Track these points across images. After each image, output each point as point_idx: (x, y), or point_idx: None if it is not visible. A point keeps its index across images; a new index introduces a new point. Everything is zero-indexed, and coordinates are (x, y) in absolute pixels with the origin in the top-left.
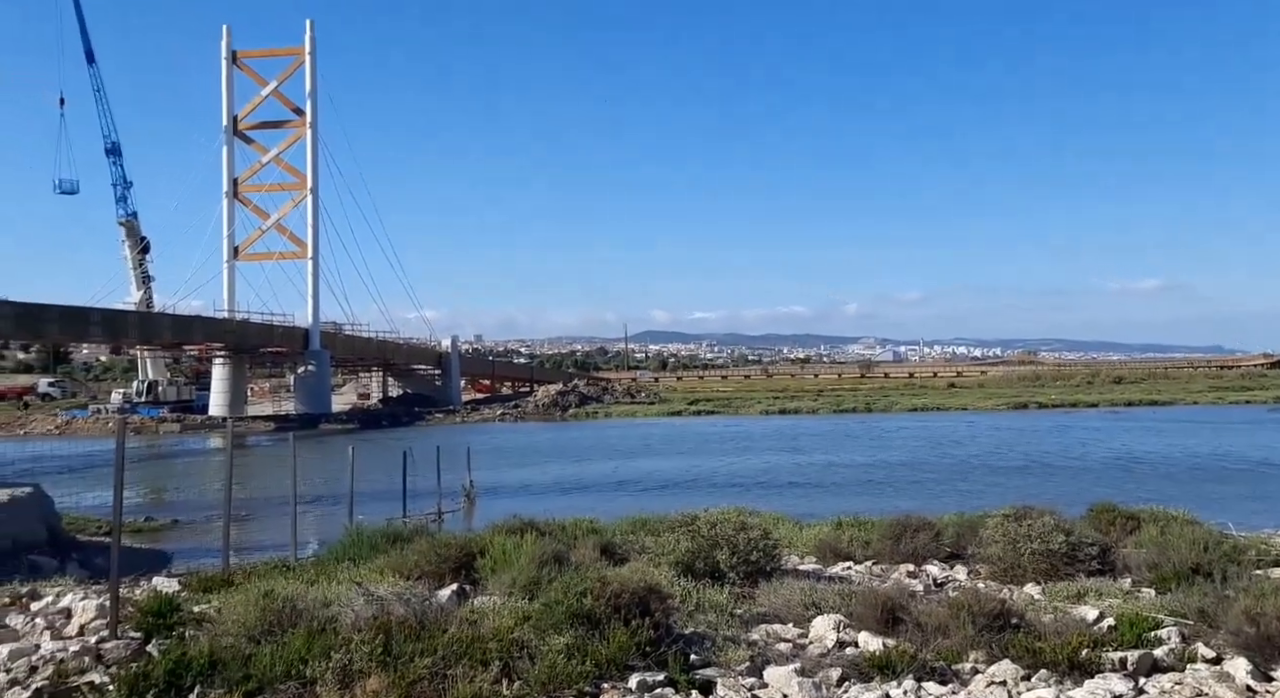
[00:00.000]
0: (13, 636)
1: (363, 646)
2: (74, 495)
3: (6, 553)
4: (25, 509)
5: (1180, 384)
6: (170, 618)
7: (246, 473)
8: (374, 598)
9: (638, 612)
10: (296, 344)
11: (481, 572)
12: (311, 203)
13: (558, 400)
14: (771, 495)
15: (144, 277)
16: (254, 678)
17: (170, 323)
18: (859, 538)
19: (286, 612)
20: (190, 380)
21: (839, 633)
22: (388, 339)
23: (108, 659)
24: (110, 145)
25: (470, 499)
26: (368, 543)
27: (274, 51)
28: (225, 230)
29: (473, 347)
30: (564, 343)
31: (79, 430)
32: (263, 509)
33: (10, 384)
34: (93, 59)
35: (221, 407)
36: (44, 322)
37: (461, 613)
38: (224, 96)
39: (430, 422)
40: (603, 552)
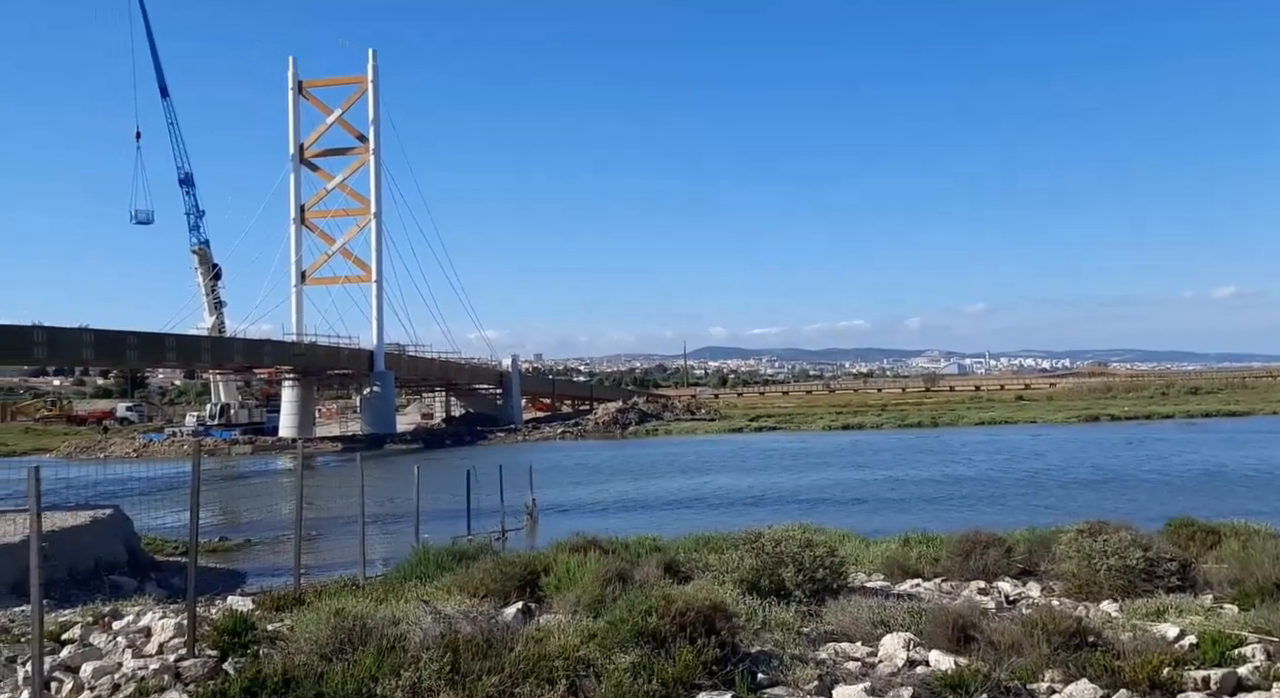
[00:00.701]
0: (96, 654)
1: (431, 664)
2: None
3: (89, 573)
4: (106, 531)
5: (1259, 394)
6: (245, 637)
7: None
8: (441, 616)
9: (703, 630)
10: (362, 366)
11: (546, 590)
12: (375, 227)
13: (617, 418)
14: (836, 512)
15: (216, 302)
16: (326, 696)
17: (241, 347)
18: (927, 555)
19: (357, 630)
20: (261, 403)
21: (909, 652)
22: (450, 359)
23: (186, 678)
24: (183, 176)
25: (533, 517)
26: (434, 562)
27: (337, 80)
28: (293, 256)
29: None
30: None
31: (156, 453)
32: (331, 528)
33: (91, 409)
34: (166, 93)
35: (291, 428)
36: (123, 348)
37: (527, 631)
38: (290, 126)
39: (492, 441)
40: (666, 570)
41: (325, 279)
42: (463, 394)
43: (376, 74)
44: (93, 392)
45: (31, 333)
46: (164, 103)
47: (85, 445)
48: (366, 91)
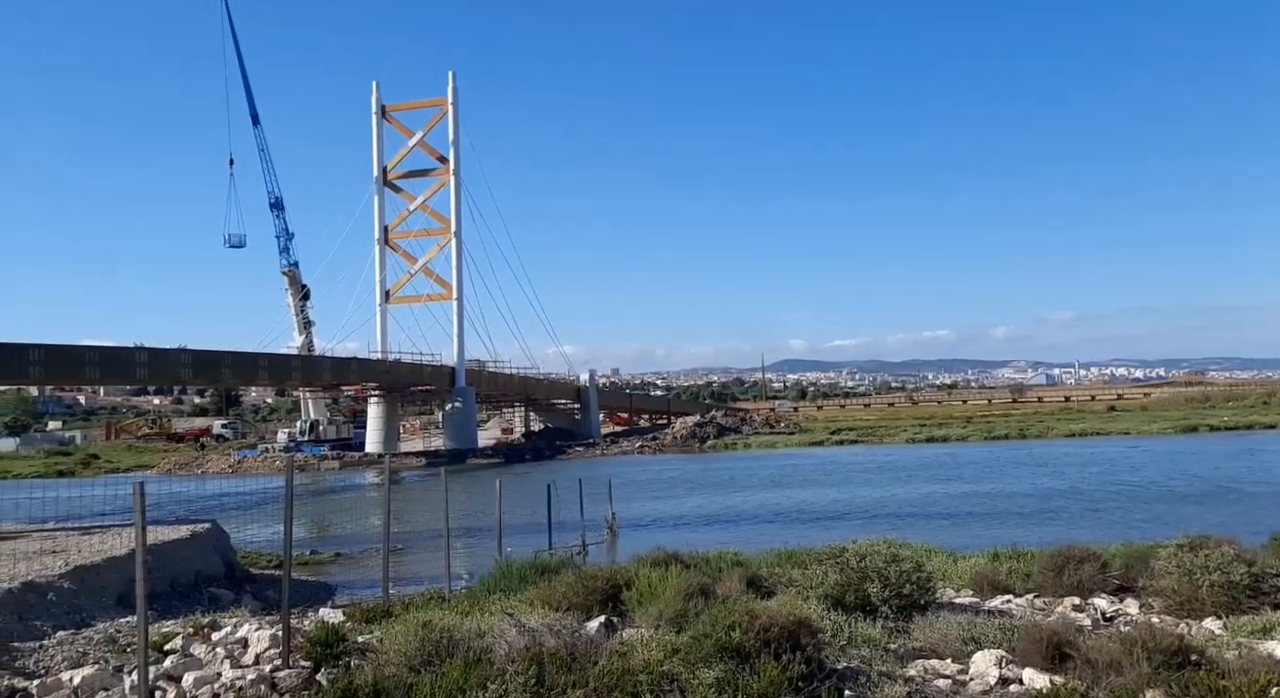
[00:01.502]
0: (197, 664)
1: (517, 677)
2: (246, 531)
3: (189, 586)
4: (205, 544)
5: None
6: (336, 648)
7: (400, 507)
8: (525, 629)
9: (788, 646)
10: (444, 382)
11: (628, 604)
12: (455, 246)
13: (695, 432)
14: (922, 526)
15: (305, 322)
16: None
17: (329, 365)
18: (1018, 570)
19: (444, 642)
20: (348, 419)
21: (1001, 669)
22: (529, 375)
23: (281, 687)
24: (274, 200)
25: (613, 532)
26: (517, 575)
27: (419, 103)
28: (377, 275)
29: (610, 380)
30: (700, 374)
31: (249, 469)
32: (416, 542)
33: (189, 427)
34: (258, 121)
35: (377, 444)
36: (218, 367)
37: (611, 645)
38: (374, 149)
39: (571, 455)
40: (749, 585)
41: (408, 298)
42: (541, 409)
43: (456, 96)
44: (190, 410)
45: (134, 354)
46: (255, 130)
47: (184, 462)
48: (447, 113)
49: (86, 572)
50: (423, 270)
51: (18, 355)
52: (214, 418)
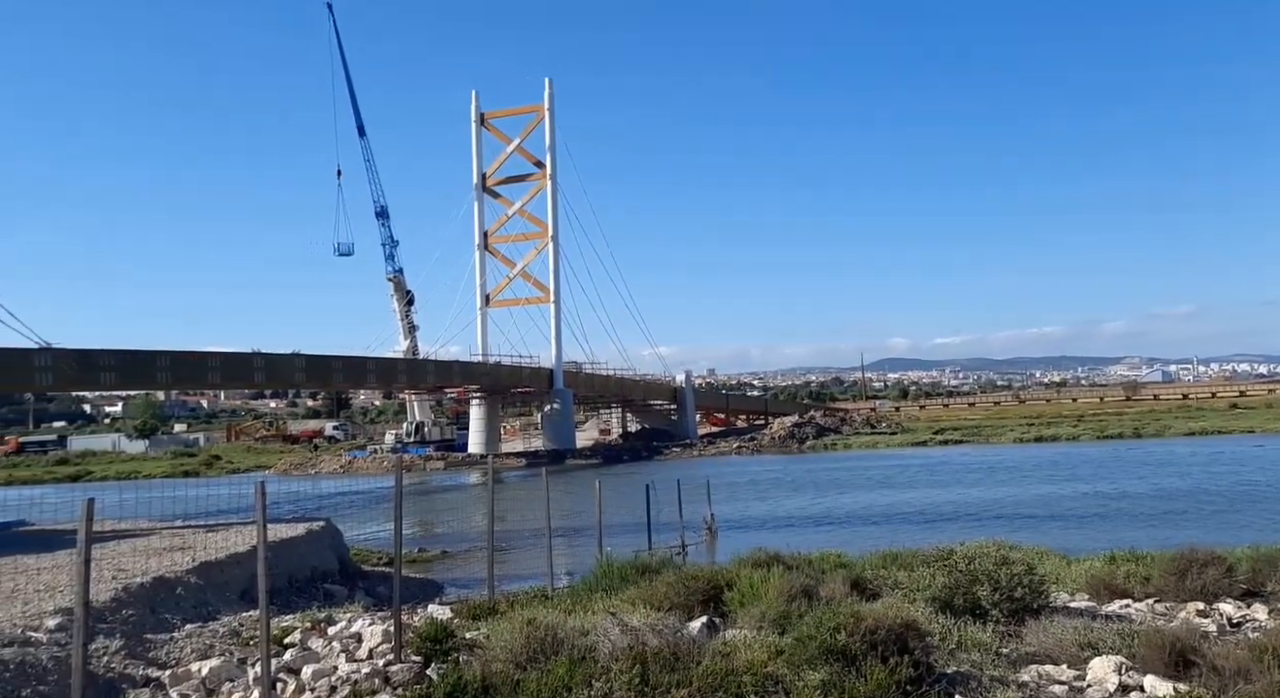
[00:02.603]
0: (314, 658)
1: (621, 675)
2: (357, 529)
3: (305, 581)
4: (320, 542)
5: None
6: (445, 644)
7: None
8: (628, 628)
9: (895, 649)
10: (542, 384)
11: (730, 605)
12: (552, 249)
13: (794, 432)
14: (1032, 528)
15: (410, 327)
16: None
17: (433, 368)
18: (1137, 574)
19: (548, 640)
20: (451, 421)
21: (1121, 676)
22: (625, 376)
23: (394, 682)
24: (379, 209)
25: (712, 532)
26: (618, 574)
27: (516, 110)
28: (478, 280)
29: (706, 381)
30: (797, 374)
31: (359, 469)
32: (518, 541)
33: (303, 429)
34: (363, 132)
35: (479, 445)
36: (329, 371)
37: (713, 646)
38: (474, 156)
39: (668, 456)
40: (853, 587)
41: (507, 301)
42: (638, 410)
43: (553, 102)
44: (304, 413)
45: (252, 359)
46: (361, 142)
47: (298, 462)
48: (543, 119)
49: (211, 568)
50: (521, 274)
51: (147, 362)
52: (325, 420)
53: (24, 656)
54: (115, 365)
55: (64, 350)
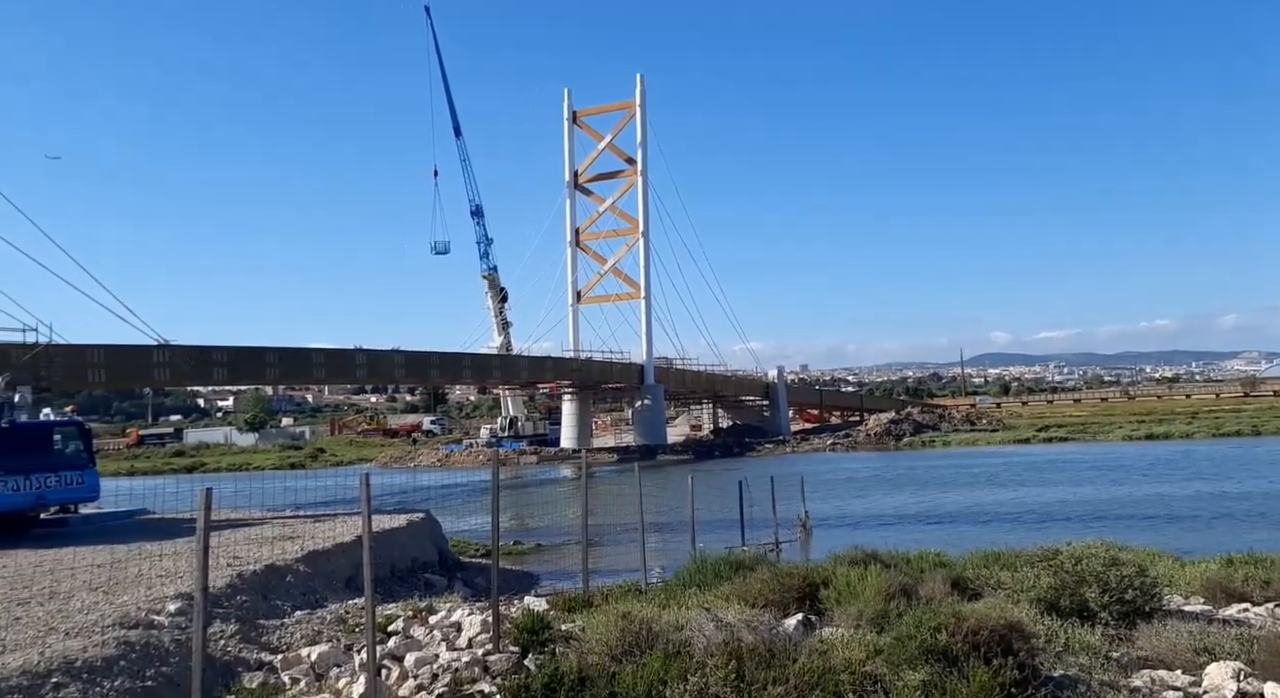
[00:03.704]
0: (416, 645)
1: (717, 670)
2: (454, 521)
3: (407, 571)
4: (420, 533)
5: None
6: (542, 635)
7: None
8: (723, 624)
9: (999, 650)
10: (633, 380)
11: (826, 603)
12: (643, 246)
13: (890, 429)
14: (1144, 529)
15: (503, 323)
16: (618, 696)
17: (526, 364)
18: (1256, 577)
19: (643, 634)
20: (544, 416)
21: (1239, 683)
22: (716, 372)
23: (493, 671)
24: (474, 208)
25: (806, 529)
26: (711, 570)
27: (607, 107)
28: (569, 277)
29: (798, 377)
30: (893, 370)
31: (456, 462)
32: (610, 535)
33: (402, 423)
34: (459, 133)
35: (571, 439)
36: (427, 367)
37: (810, 643)
38: (566, 154)
39: (760, 452)
40: (953, 586)
41: (598, 298)
42: (729, 406)
43: (644, 98)
44: (402, 407)
45: (354, 356)
46: (457, 142)
47: (398, 456)
48: (635, 116)
49: (318, 556)
50: (612, 270)
51: (257, 358)
52: (423, 415)
53: (148, 638)
54: (227, 361)
55: (180, 347)
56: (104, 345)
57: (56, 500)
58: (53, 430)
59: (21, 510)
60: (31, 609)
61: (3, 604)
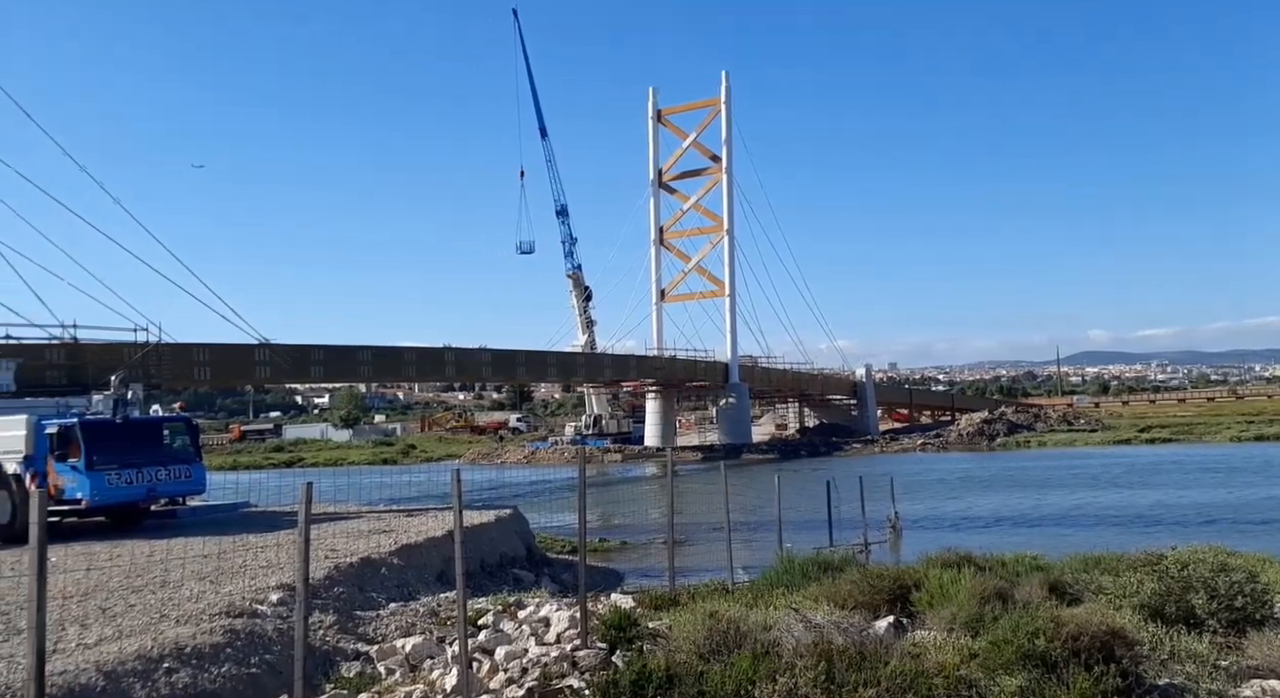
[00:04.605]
0: (506, 639)
1: (807, 671)
2: (541, 517)
3: (495, 566)
4: (508, 529)
5: None
6: (629, 632)
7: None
8: (812, 625)
9: (1100, 657)
10: (717, 378)
11: (918, 605)
12: (728, 243)
13: (983, 429)
14: (1256, 534)
15: (588, 322)
16: (706, 695)
17: (610, 362)
18: None
19: (731, 633)
20: (628, 414)
21: None
22: (802, 371)
23: (582, 667)
24: (559, 208)
25: (896, 530)
26: (799, 570)
27: (692, 105)
28: (653, 275)
29: (887, 375)
30: (985, 368)
31: (541, 460)
32: (694, 534)
33: (489, 420)
34: (545, 134)
35: (655, 437)
36: (513, 365)
37: (902, 646)
38: (650, 152)
39: (848, 452)
40: (1051, 590)
41: (682, 296)
42: (816, 405)
43: (729, 95)
44: (489, 405)
45: (443, 354)
46: (543, 142)
47: (485, 452)
48: (719, 113)
49: (411, 550)
50: (696, 269)
51: (351, 357)
52: (509, 412)
53: (252, 626)
54: (323, 360)
55: (280, 346)
56: (209, 344)
57: (166, 493)
58: (162, 426)
59: (134, 502)
60: (144, 597)
61: (119, 592)
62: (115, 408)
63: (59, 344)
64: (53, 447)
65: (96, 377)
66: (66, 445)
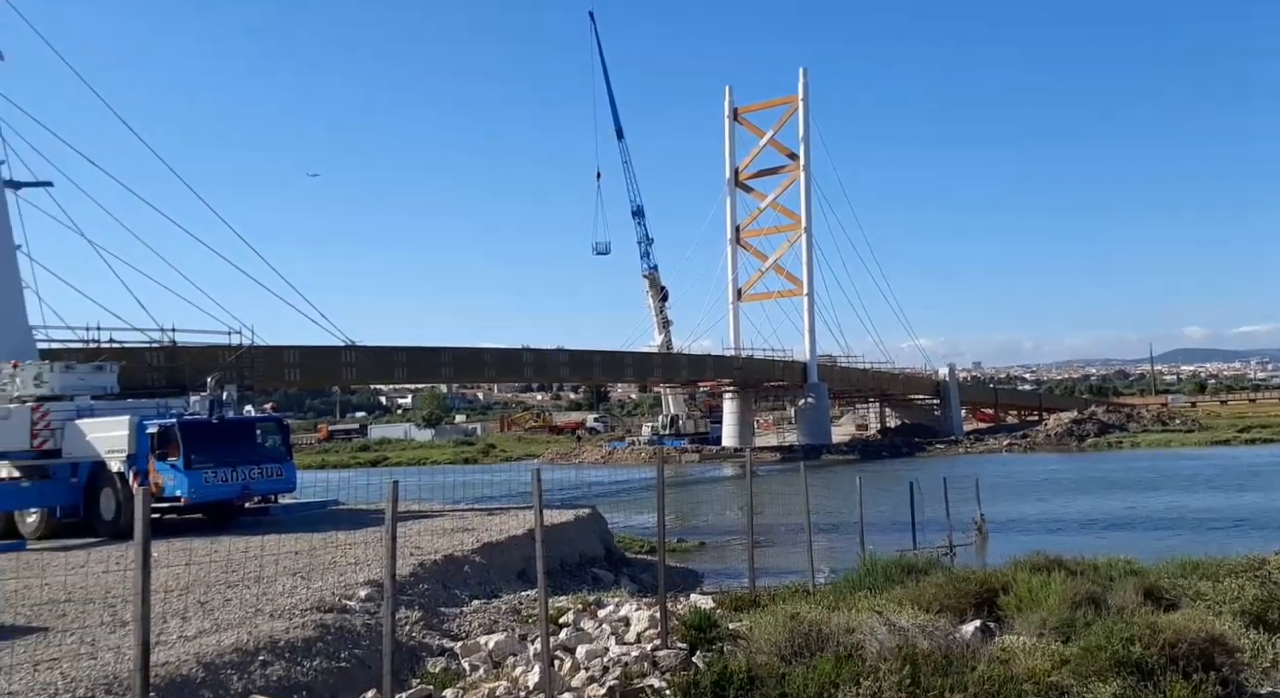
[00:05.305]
0: (586, 638)
1: (891, 675)
2: (620, 517)
3: (575, 565)
4: (587, 528)
5: None
6: (709, 633)
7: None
8: (896, 628)
9: (1199, 665)
10: (796, 378)
11: (1005, 609)
12: (805, 241)
13: (1072, 429)
14: None
15: (664, 322)
16: (789, 697)
17: (687, 362)
18: None
19: (813, 635)
20: (704, 414)
21: None
22: (883, 370)
23: (662, 667)
24: (635, 208)
25: (981, 533)
26: (882, 572)
27: (769, 103)
28: (729, 274)
29: (971, 374)
30: (1074, 367)
31: (618, 460)
32: (774, 535)
33: (567, 420)
34: (621, 135)
35: (732, 438)
36: (590, 365)
37: (990, 651)
38: (726, 151)
39: (931, 452)
40: (1146, 595)
41: (759, 295)
42: (897, 405)
43: (807, 92)
44: (566, 405)
45: (521, 354)
46: (619, 144)
47: (563, 452)
48: (797, 110)
49: (493, 548)
50: (773, 267)
51: (432, 358)
52: (586, 412)
53: (341, 621)
54: (406, 361)
55: (365, 348)
56: (299, 347)
57: (259, 491)
58: (256, 426)
59: (229, 500)
60: (240, 592)
61: (216, 587)
62: (211, 409)
63: (159, 347)
64: (153, 446)
65: (193, 378)
66: (166, 445)
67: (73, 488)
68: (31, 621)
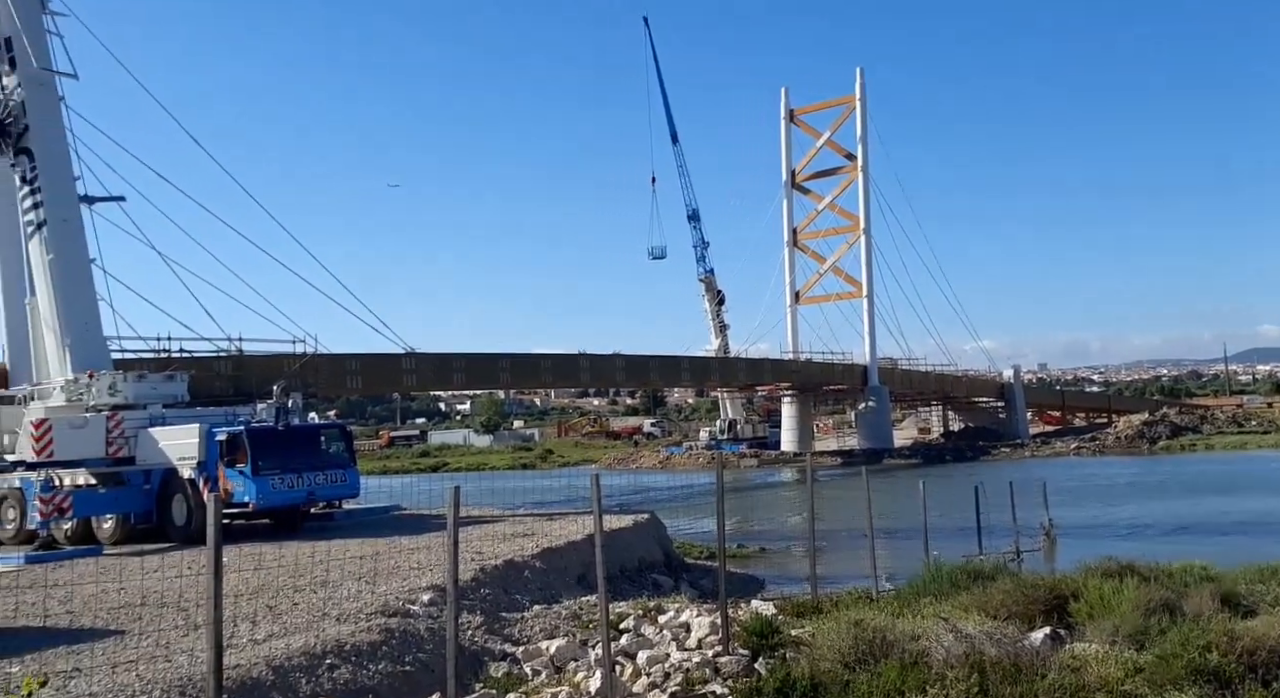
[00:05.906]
0: (647, 644)
1: (958, 683)
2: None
3: (634, 571)
4: (646, 533)
5: None
6: (771, 639)
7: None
8: (963, 635)
9: (1279, 673)
10: (855, 381)
11: (1076, 616)
12: (864, 243)
13: (1143, 431)
14: None
15: (720, 326)
16: None
17: (744, 366)
18: None
19: (877, 642)
20: (763, 419)
21: None
22: (945, 372)
23: (724, 673)
24: (691, 212)
25: (1050, 538)
26: (947, 578)
27: (826, 104)
28: (787, 277)
29: (1036, 376)
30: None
31: (676, 465)
32: (834, 540)
33: (624, 425)
34: (676, 139)
35: (791, 442)
36: (647, 370)
37: (1060, 659)
38: (783, 153)
39: (996, 456)
40: (1223, 602)
41: (817, 298)
42: (960, 408)
43: (864, 92)
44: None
45: (578, 360)
46: (674, 148)
47: (621, 457)
48: (854, 111)
49: (552, 553)
50: (831, 269)
51: (490, 364)
52: (643, 417)
53: (405, 625)
54: (464, 367)
55: (425, 355)
56: (360, 354)
57: (323, 497)
58: (319, 433)
59: (295, 505)
60: (307, 596)
61: (284, 591)
62: (277, 416)
63: (226, 357)
64: (222, 453)
65: (260, 386)
66: (235, 452)
67: (146, 494)
68: (109, 624)
